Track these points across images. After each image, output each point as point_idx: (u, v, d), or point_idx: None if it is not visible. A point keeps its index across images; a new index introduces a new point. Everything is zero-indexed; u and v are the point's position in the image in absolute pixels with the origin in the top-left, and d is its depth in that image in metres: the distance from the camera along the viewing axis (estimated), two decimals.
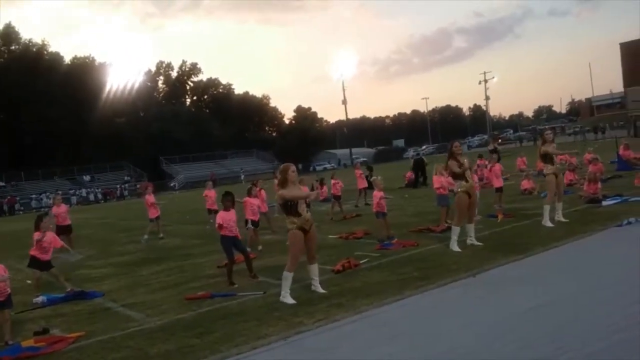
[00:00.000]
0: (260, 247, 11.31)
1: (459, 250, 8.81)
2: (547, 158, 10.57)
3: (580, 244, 8.48)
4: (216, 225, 8.43)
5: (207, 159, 74.73)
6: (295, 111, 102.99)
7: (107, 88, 71.27)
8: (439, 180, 11.56)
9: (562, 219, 10.45)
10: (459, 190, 9.07)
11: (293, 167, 7.09)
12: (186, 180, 65.30)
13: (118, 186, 60.86)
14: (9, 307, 6.54)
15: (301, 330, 5.65)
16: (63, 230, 13.29)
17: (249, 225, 11.24)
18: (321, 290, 7.05)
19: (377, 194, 10.95)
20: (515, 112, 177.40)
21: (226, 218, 8.35)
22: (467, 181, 9.05)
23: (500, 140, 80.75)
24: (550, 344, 4.54)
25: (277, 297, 7.02)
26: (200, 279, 8.93)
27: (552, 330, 4.86)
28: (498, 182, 12.83)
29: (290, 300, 6.79)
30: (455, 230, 9.03)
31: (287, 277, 6.91)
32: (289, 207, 6.88)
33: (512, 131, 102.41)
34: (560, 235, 9.06)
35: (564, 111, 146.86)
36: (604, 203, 12.04)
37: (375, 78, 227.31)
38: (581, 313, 5.26)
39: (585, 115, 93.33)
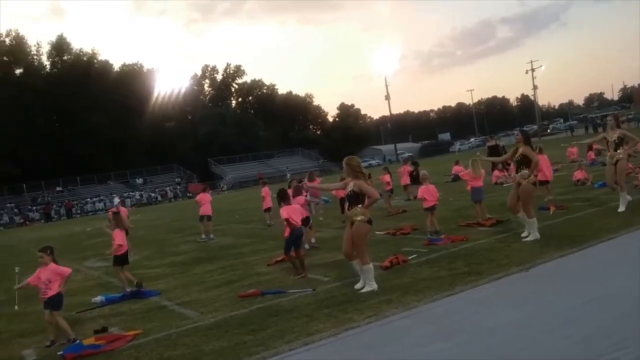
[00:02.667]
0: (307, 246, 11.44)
1: (538, 237, 8.72)
2: (622, 143, 10.28)
3: (637, 236, 8.18)
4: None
5: (253, 159, 75.69)
6: (338, 109, 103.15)
7: (156, 93, 73.39)
8: (470, 174, 11.55)
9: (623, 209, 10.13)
10: (526, 180, 8.91)
11: (346, 161, 7.32)
12: (234, 181, 66.32)
13: (167, 189, 62.41)
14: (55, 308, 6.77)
15: (351, 326, 5.68)
16: None
17: None
18: (357, 286, 7.14)
19: (425, 187, 10.89)
20: (565, 100, 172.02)
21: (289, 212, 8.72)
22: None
23: (548, 131, 78.71)
24: (607, 338, 4.42)
25: (327, 294, 7.12)
26: (251, 277, 9.10)
27: (609, 325, 4.73)
28: (542, 176, 12.52)
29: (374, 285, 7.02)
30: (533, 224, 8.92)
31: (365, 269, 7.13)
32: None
33: (562, 120, 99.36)
34: (616, 227, 8.77)
35: (616, 98, 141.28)
36: None
37: (418, 72, 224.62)
38: (638, 307, 5.09)
39: (639, 102, 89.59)
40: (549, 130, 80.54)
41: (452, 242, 9.55)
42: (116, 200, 15.80)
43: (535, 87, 75.97)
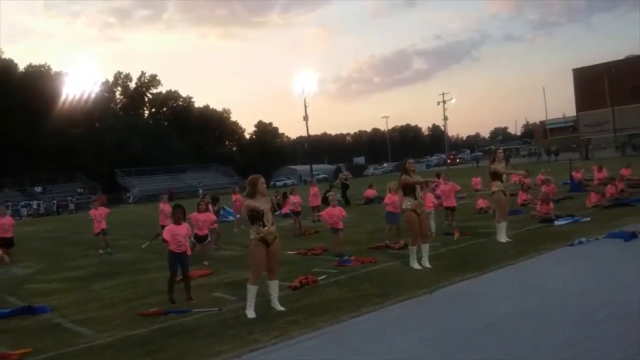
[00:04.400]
0: (206, 263, 11.14)
1: (420, 267, 8.86)
2: (496, 176, 10.84)
3: (533, 263, 8.67)
4: (162, 239, 8.19)
5: (164, 172, 73.48)
6: (256, 126, 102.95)
7: (63, 97, 69.59)
8: (391, 198, 11.75)
9: (506, 239, 10.71)
10: (408, 207, 9.05)
11: (262, 180, 7.10)
12: (142, 194, 63.90)
13: (70, 198, 59.06)
14: None
15: (256, 347, 5.55)
16: (5, 243, 12.82)
17: (191, 238, 11.04)
18: (279, 308, 6.96)
19: (330, 210, 11.02)
20: (473, 132, 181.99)
21: (174, 232, 8.12)
22: (415, 198, 9.06)
23: (457, 160, 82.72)
24: (507, 359, 4.60)
25: (233, 314, 6.94)
26: (154, 295, 8.69)
27: (508, 346, 4.93)
28: (449, 202, 13.11)
29: (251, 314, 6.74)
30: (412, 250, 9.04)
31: (250, 289, 6.86)
32: (255, 217, 6.85)
33: (469, 151, 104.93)
34: (514, 254, 9.25)
35: (518, 133, 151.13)
36: (556, 223, 12.38)
37: (337, 95, 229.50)
38: (535, 329, 5.35)
39: (539, 138, 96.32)
40: (457, 160, 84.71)
41: (362, 263, 9.66)
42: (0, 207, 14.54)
43: (445, 118, 79.91)
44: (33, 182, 62.90)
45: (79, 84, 72.90)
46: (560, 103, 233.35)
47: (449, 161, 77.36)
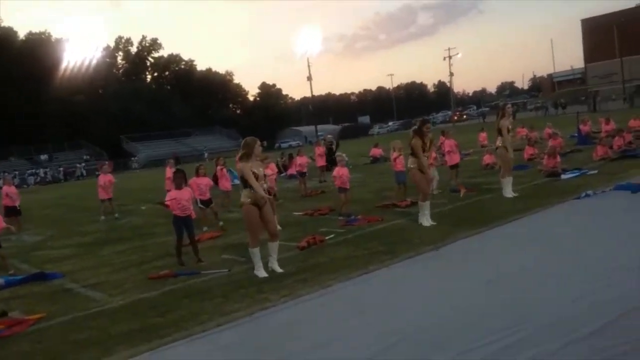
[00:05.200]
0: (221, 223, 11.23)
1: (429, 224, 8.88)
2: (502, 132, 10.76)
3: (540, 217, 8.66)
4: (166, 204, 8.26)
5: (169, 137, 73.38)
6: (259, 88, 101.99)
7: (65, 64, 68.96)
8: (395, 155, 11.75)
9: (512, 194, 10.69)
10: (412, 166, 9.08)
11: (259, 142, 7.10)
12: (148, 159, 64.00)
13: (78, 165, 59.34)
14: None
15: (266, 306, 5.63)
16: (11, 212, 13.01)
17: (199, 204, 11.08)
18: (278, 270, 7.00)
19: (340, 170, 10.99)
20: (479, 88, 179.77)
21: (177, 197, 8.20)
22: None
23: (464, 117, 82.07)
24: (511, 312, 4.64)
25: (242, 275, 7.02)
26: (164, 258, 8.80)
27: (513, 300, 4.96)
28: (451, 160, 12.88)
29: (262, 273, 6.84)
30: (423, 206, 9.06)
31: (254, 252, 6.96)
32: (246, 180, 6.90)
33: (475, 107, 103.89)
34: (521, 208, 9.24)
35: (526, 87, 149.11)
36: (563, 177, 12.33)
37: (341, 54, 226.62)
38: (541, 283, 5.38)
39: (547, 91, 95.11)
40: (464, 117, 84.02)
41: (369, 222, 9.70)
42: (7, 176, 14.70)
43: (451, 74, 78.69)
44: (39, 151, 63.08)
45: (80, 50, 72.10)
46: (569, 55, 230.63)
47: (455, 118, 76.60)
